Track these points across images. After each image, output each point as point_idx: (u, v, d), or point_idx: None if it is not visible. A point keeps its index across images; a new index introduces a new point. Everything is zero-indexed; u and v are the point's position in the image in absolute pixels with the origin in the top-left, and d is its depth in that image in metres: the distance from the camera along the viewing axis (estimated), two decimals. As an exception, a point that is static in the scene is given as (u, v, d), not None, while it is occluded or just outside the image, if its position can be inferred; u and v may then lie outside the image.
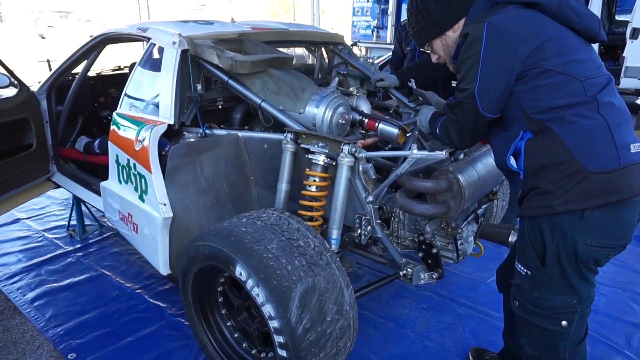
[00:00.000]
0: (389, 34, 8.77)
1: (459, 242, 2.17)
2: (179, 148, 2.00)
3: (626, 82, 6.35)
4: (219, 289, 1.98)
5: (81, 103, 3.19)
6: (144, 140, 2.09)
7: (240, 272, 1.63)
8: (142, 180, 2.09)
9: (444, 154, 1.69)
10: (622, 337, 2.46)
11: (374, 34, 8.88)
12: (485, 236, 2.52)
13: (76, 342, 2.40)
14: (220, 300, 2.02)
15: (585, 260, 1.36)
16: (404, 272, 2.13)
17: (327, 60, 3.13)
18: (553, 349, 1.49)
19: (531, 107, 1.39)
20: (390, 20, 8.64)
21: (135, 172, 2.14)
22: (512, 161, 1.46)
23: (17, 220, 3.80)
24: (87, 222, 3.65)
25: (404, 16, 8.44)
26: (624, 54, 6.34)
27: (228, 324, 2.03)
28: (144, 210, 2.10)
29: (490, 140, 1.61)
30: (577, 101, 1.34)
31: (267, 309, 1.58)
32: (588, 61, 1.41)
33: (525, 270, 1.48)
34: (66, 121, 3.12)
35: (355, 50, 7.83)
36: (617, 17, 7.74)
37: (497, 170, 2.10)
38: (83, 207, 3.55)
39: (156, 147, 2.05)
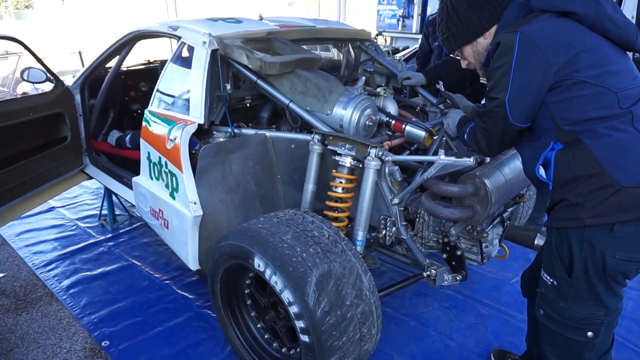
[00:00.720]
0: (414, 24, 8.61)
1: (483, 245, 2.18)
2: (209, 148, 2.05)
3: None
4: (246, 291, 2.04)
5: (113, 97, 3.28)
6: (175, 139, 2.14)
7: (258, 263, 1.70)
8: (173, 178, 2.16)
9: (472, 161, 1.69)
10: (649, 343, 2.44)
11: (400, 23, 8.74)
12: (510, 238, 2.50)
13: (109, 330, 2.51)
14: (248, 302, 2.08)
15: (613, 273, 1.35)
16: (428, 273, 2.14)
17: (353, 57, 3.13)
18: (578, 358, 1.49)
19: (563, 118, 1.37)
20: (416, 10, 8.48)
21: (167, 170, 2.20)
22: (542, 171, 1.46)
23: (52, 209, 3.95)
24: (117, 212, 3.78)
25: (430, 5, 8.28)
26: None
27: (258, 325, 2.09)
28: (175, 207, 2.17)
29: (519, 149, 1.60)
30: (610, 114, 1.32)
31: (286, 295, 1.64)
32: (623, 72, 1.39)
33: (551, 280, 1.48)
34: (98, 115, 3.22)
35: (380, 40, 7.73)
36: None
37: (524, 175, 2.08)
38: (114, 198, 3.67)
39: (187, 146, 2.10)
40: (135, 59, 3.84)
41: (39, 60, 2.84)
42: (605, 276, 1.36)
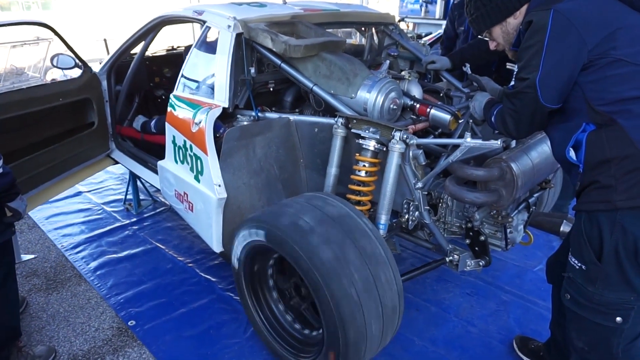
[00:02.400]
0: (437, 9, 8.44)
1: (508, 230, 2.15)
2: (234, 132, 2.06)
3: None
4: (269, 272, 2.06)
5: (138, 83, 3.32)
6: (200, 122, 2.17)
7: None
8: (198, 161, 2.18)
9: (499, 143, 1.66)
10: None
11: (423, 8, 8.57)
12: (536, 225, 2.47)
13: (135, 311, 2.57)
14: (271, 285, 2.11)
15: (645, 257, 1.32)
16: (450, 258, 2.13)
17: (377, 41, 3.09)
18: (605, 344, 1.47)
19: (596, 98, 1.34)
20: (440, -6, 8.32)
21: (192, 154, 2.23)
22: (572, 153, 1.42)
23: (79, 194, 4.05)
24: (142, 197, 3.85)
25: (454, -9, 8.10)
26: None
27: (280, 307, 2.13)
28: (200, 190, 2.20)
29: (549, 131, 1.57)
30: None
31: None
32: None
33: (579, 265, 1.45)
34: (124, 100, 3.27)
35: (402, 25, 7.61)
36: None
37: (552, 159, 2.03)
38: (138, 183, 3.74)
39: (212, 129, 2.12)
40: (160, 45, 3.87)
41: (69, 46, 2.89)
42: (637, 260, 1.33)
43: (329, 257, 1.62)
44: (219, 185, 2.07)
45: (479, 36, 1.74)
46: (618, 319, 1.41)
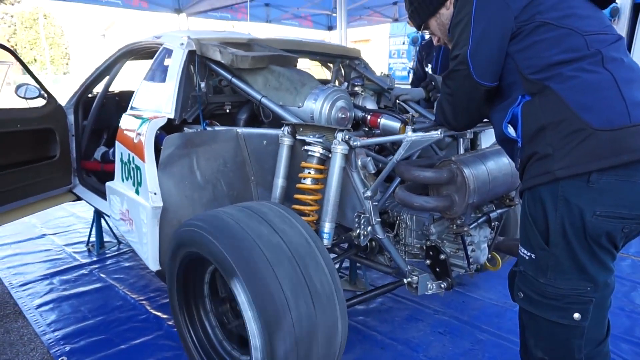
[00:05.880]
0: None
1: (469, 247, 1.97)
2: (173, 138, 1.97)
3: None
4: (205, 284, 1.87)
5: (105, 118, 3.30)
6: (142, 132, 2.09)
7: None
8: (138, 172, 2.07)
9: (439, 133, 1.56)
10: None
11: (410, 75, 8.93)
12: (506, 250, 2.29)
13: (70, 347, 2.33)
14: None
15: (595, 234, 1.16)
16: (409, 279, 1.94)
17: (343, 74, 3.10)
18: (566, 349, 1.25)
19: (528, 66, 1.26)
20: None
21: (134, 165, 2.12)
22: (510, 129, 1.32)
23: (43, 236, 3.90)
24: (107, 238, 3.69)
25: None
26: None
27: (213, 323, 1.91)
28: (137, 202, 2.07)
29: (491, 116, 1.47)
30: (578, 56, 1.20)
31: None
32: (592, 18, 1.28)
33: (528, 254, 1.28)
34: (91, 135, 3.23)
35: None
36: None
37: (513, 172, 1.92)
38: (104, 224, 3.60)
39: (152, 136, 2.04)
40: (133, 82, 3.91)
41: (31, 73, 2.91)
42: (587, 239, 1.17)
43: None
44: (155, 194, 1.94)
45: (419, 32, 1.72)
46: (576, 315, 1.21)
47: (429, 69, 3.27)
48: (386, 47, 9.44)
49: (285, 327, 1.39)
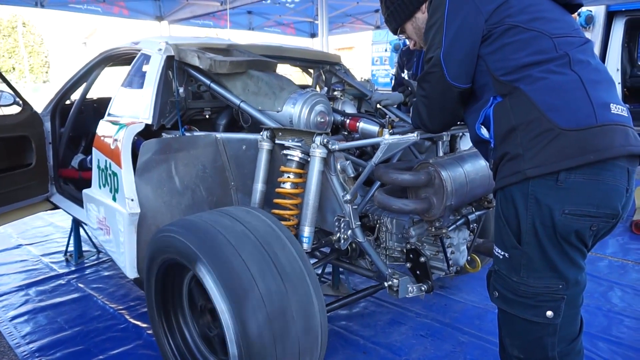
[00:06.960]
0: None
1: (449, 249, 1.99)
2: (151, 143, 1.95)
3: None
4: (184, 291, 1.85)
5: (83, 125, 3.25)
6: (119, 138, 2.06)
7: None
8: (115, 178, 2.05)
9: (416, 135, 1.57)
10: None
11: (392, 81, 9.02)
12: (485, 251, 2.33)
13: (45, 359, 2.28)
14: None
15: (565, 233, 1.18)
16: (390, 283, 1.95)
17: (324, 80, 3.12)
18: (540, 347, 1.26)
19: (498, 68, 1.29)
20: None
21: (110, 172, 2.10)
22: (483, 130, 1.34)
23: (19, 246, 3.81)
24: (86, 248, 3.62)
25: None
26: None
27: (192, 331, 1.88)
28: (114, 208, 2.04)
29: (466, 119, 1.49)
30: (546, 58, 1.23)
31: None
32: (560, 21, 1.32)
33: (502, 253, 1.30)
34: (68, 143, 3.18)
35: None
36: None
37: (490, 174, 1.95)
38: (82, 233, 3.54)
39: (130, 142, 2.02)
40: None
41: (5, 80, 2.85)
42: (557, 237, 1.19)
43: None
44: (132, 200, 1.91)
45: (395, 36, 1.74)
46: (549, 312, 1.22)
47: (405, 75, 3.31)
48: (369, 55, 9.54)
49: (254, 300, 1.39)
